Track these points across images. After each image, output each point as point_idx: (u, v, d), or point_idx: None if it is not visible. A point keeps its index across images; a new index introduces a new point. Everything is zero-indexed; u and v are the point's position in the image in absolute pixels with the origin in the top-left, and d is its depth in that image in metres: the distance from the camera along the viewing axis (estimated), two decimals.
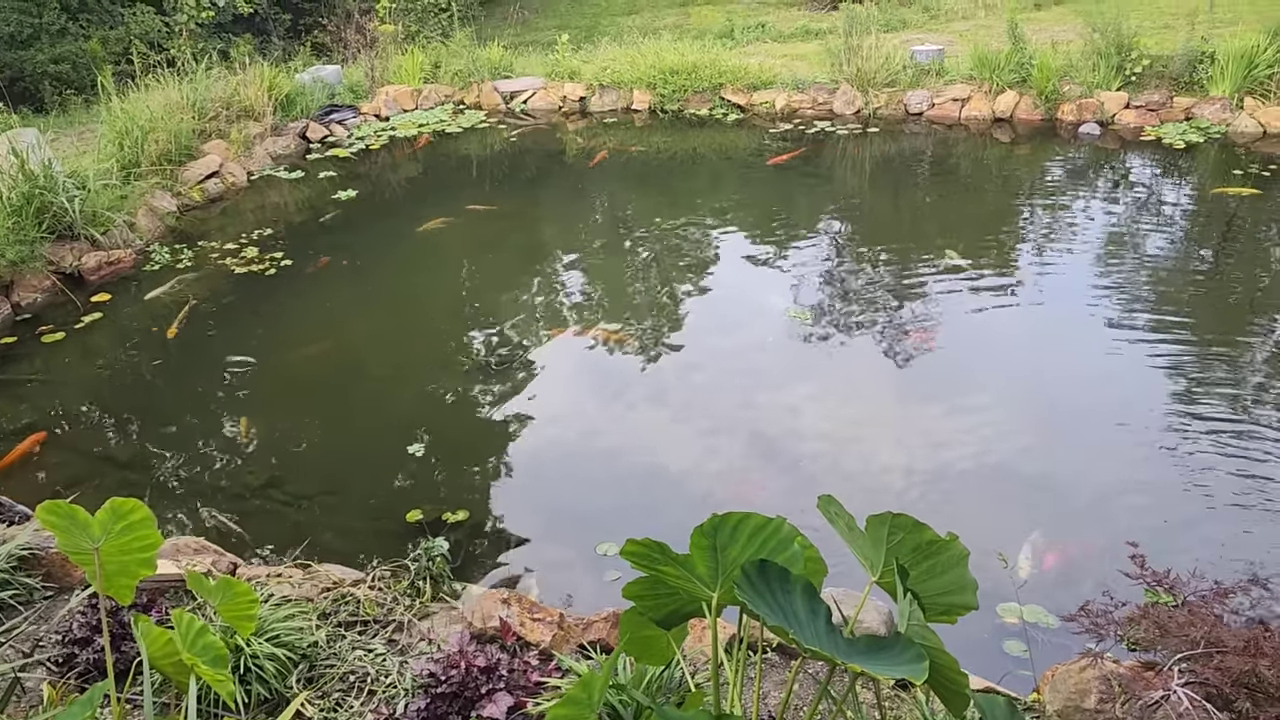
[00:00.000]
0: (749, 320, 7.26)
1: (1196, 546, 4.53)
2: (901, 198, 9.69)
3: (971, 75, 11.46)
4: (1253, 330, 6.65)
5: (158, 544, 3.03)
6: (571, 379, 6.58)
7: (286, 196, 10.05)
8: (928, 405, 6.03)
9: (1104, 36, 10.98)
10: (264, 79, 11.13)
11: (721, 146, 11.16)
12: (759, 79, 12.18)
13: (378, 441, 5.85)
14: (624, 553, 2.30)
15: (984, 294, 7.28)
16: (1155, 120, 10.57)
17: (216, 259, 8.43)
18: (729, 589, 2.31)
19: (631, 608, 2.69)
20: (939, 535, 2.36)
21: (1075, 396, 6.00)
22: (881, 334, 6.87)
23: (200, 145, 10.18)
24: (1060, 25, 14.20)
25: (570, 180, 10.57)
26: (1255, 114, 10.23)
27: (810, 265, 7.97)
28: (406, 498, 5.30)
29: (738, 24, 17.62)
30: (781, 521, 2.29)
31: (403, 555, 4.54)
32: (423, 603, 4.21)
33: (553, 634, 3.85)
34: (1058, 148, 10.45)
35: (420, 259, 8.51)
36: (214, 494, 5.45)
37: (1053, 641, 4.09)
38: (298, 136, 11.33)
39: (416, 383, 6.52)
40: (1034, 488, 5.20)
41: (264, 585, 4.19)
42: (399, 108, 12.30)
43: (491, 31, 17.02)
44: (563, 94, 12.55)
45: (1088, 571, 4.49)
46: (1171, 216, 8.81)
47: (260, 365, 6.76)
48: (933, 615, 2.47)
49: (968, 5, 17.94)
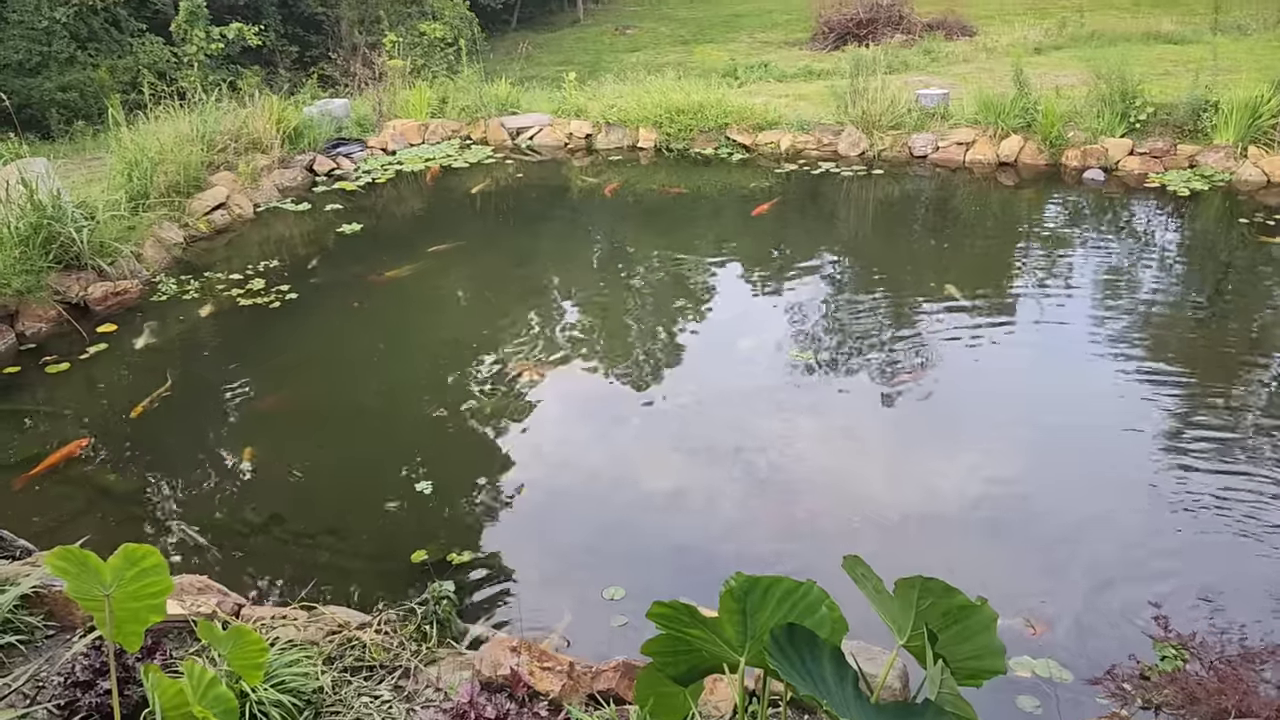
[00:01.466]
0: (751, 360, 7.24)
1: (1213, 599, 4.49)
2: (904, 239, 9.72)
3: (976, 119, 11.55)
4: (1251, 373, 6.64)
5: (169, 590, 2.99)
6: (577, 417, 6.55)
7: (292, 229, 10.06)
8: (925, 446, 6.00)
9: (1109, 84, 11.08)
10: (272, 111, 11.19)
11: (726, 186, 11.20)
12: (764, 119, 12.26)
13: (380, 479, 5.80)
14: (650, 615, 2.27)
15: (984, 335, 7.28)
16: (1159, 167, 10.64)
17: (222, 290, 8.41)
18: (756, 651, 2.27)
19: (649, 665, 2.65)
20: (969, 600, 2.33)
21: (1076, 438, 5.98)
22: (880, 374, 6.85)
23: (208, 177, 10.20)
24: (1061, 70, 14.35)
25: (576, 216, 10.59)
26: (1259, 163, 10.30)
27: (810, 305, 7.96)
28: (411, 537, 5.25)
29: (740, 63, 17.82)
30: (811, 585, 2.26)
31: (407, 596, 4.50)
32: (429, 648, 4.15)
33: (562, 683, 3.79)
34: (1062, 193, 10.51)
35: (421, 294, 8.50)
36: (216, 530, 5.39)
37: (1066, 697, 4.03)
38: (305, 169, 11.37)
39: (419, 419, 6.48)
40: (1034, 533, 5.16)
41: (269, 628, 4.13)
42: (406, 142, 12.35)
43: (497, 67, 17.17)
44: (569, 131, 12.62)
45: (1103, 625, 4.44)
46: (1176, 262, 8.84)
47: (261, 398, 6.73)
48: (960, 679, 2.43)
49: (968, 48, 18.16)
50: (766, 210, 10.01)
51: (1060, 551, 5.04)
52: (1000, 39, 18.82)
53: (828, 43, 20.86)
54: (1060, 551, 5.04)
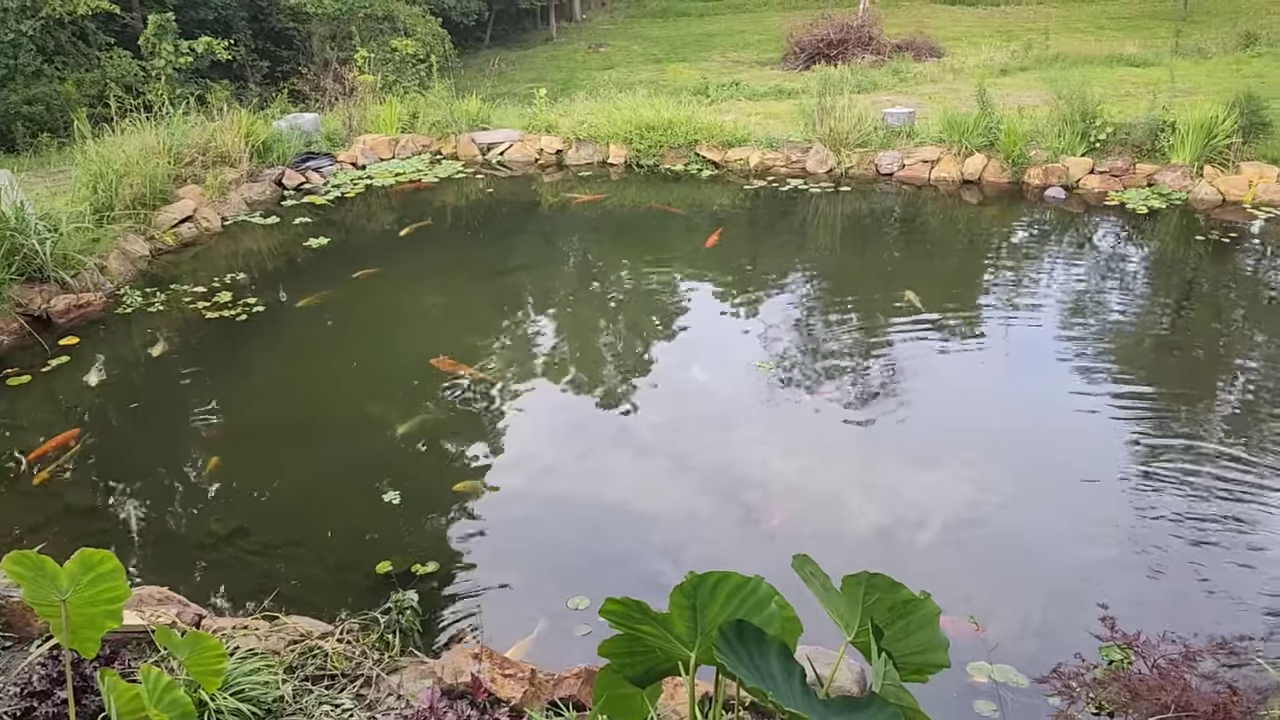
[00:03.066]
0: (717, 372, 7.30)
1: (1161, 601, 4.58)
2: (869, 254, 9.84)
3: (941, 138, 11.72)
4: (1208, 386, 6.78)
5: (126, 596, 2.99)
6: (545, 429, 6.58)
7: (260, 243, 10.04)
8: (890, 456, 6.08)
9: (1070, 104, 11.29)
10: (241, 125, 11.16)
11: (696, 202, 11.29)
12: (734, 136, 12.38)
13: (346, 490, 5.79)
14: (603, 612, 2.30)
15: (947, 347, 7.39)
16: (1119, 185, 10.85)
17: (189, 303, 8.38)
18: (707, 648, 2.31)
19: (607, 666, 2.68)
20: (914, 594, 2.38)
21: (1037, 448, 6.09)
22: (843, 386, 6.93)
23: (175, 190, 10.16)
24: (1025, 91, 14.61)
25: (545, 231, 10.64)
26: (1215, 182, 10.53)
27: (776, 318, 8.04)
28: (375, 548, 5.24)
29: (712, 81, 17.99)
30: (759, 581, 2.30)
31: (372, 607, 4.50)
32: (392, 657, 4.16)
33: (524, 690, 3.81)
34: (1024, 210, 10.68)
35: (390, 306, 8.50)
36: (179, 542, 5.37)
37: (1022, 701, 4.09)
38: (273, 183, 11.35)
39: (385, 431, 6.48)
40: (995, 540, 5.24)
41: (230, 637, 4.12)
42: (376, 156, 12.37)
43: (469, 83, 17.24)
44: (539, 146, 12.69)
45: (1055, 629, 4.52)
46: (1135, 278, 9.01)
47: (228, 411, 6.70)
48: (905, 674, 2.48)
49: (936, 69, 18.45)
50: (716, 241, 9.78)
51: (1015, 556, 5.12)
52: (967, 60, 19.13)
53: (799, 62, 21.09)
54: (1015, 556, 5.12)
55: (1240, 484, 5.60)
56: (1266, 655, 4.13)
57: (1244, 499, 5.46)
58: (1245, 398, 6.72)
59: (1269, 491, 5.54)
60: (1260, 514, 5.34)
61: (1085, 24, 25.01)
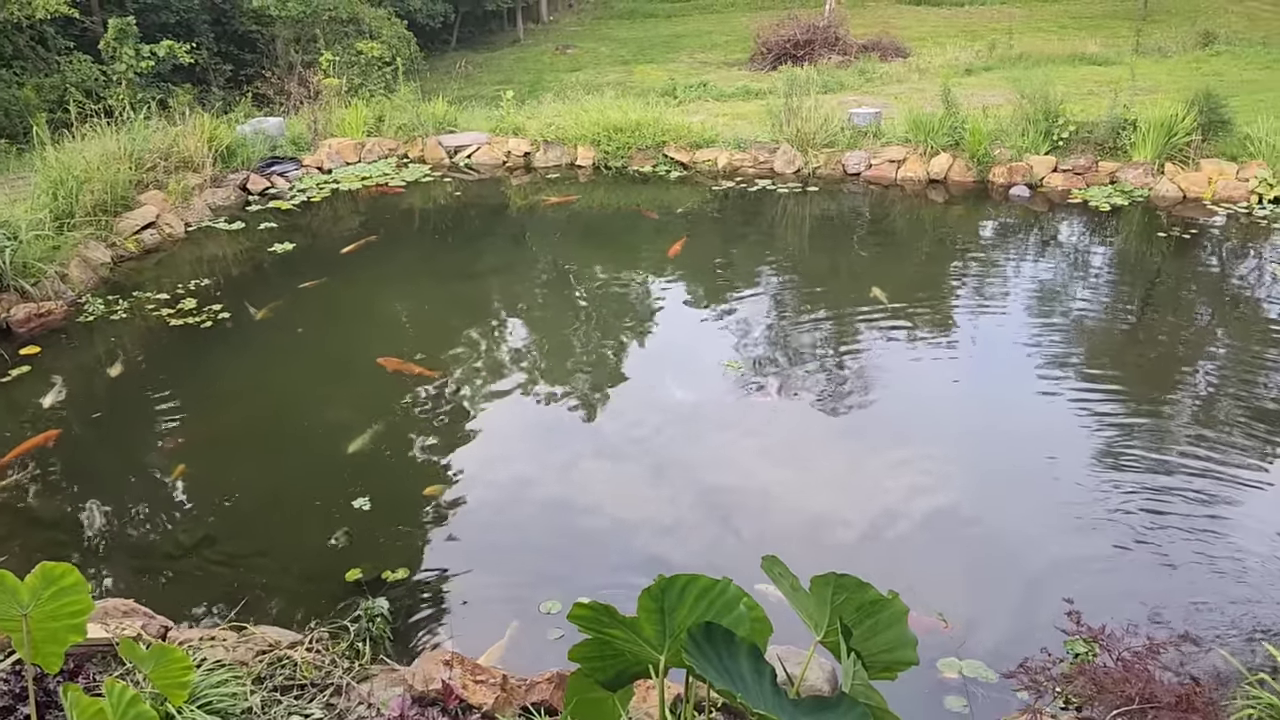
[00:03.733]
0: (687, 373, 7.31)
1: (1127, 595, 4.64)
2: (838, 254, 9.89)
3: (907, 138, 11.81)
4: (1176, 380, 6.88)
5: (89, 610, 2.95)
6: (515, 435, 6.55)
7: (225, 248, 9.93)
8: (858, 454, 6.12)
9: (1033, 103, 11.42)
10: (204, 130, 11.04)
11: (664, 203, 11.31)
12: (701, 137, 12.41)
13: (315, 497, 5.74)
14: (571, 616, 2.30)
15: (913, 343, 7.44)
16: (1082, 183, 10.97)
17: (151, 310, 8.28)
18: (676, 651, 2.31)
19: (577, 670, 2.67)
20: (881, 594, 2.40)
21: (1004, 444, 6.15)
22: (813, 384, 6.96)
23: (137, 196, 10.03)
24: (990, 90, 14.76)
25: (514, 234, 10.61)
26: (1175, 179, 10.68)
27: (745, 319, 8.06)
28: (344, 556, 5.20)
29: (680, 83, 18.03)
30: (727, 583, 2.31)
31: (342, 615, 4.47)
32: (362, 665, 4.12)
33: (495, 696, 3.79)
34: (990, 208, 10.78)
35: (359, 311, 8.45)
36: (145, 553, 5.30)
37: (992, 696, 4.12)
38: (238, 188, 11.23)
39: (354, 437, 6.44)
40: (964, 535, 5.28)
41: (196, 649, 4.07)
42: (342, 160, 12.28)
43: (435, 85, 17.17)
44: (507, 149, 12.65)
45: (1023, 623, 4.56)
46: (1098, 274, 9.12)
47: (193, 420, 6.63)
48: (875, 673, 2.49)
49: (902, 69, 18.59)
50: (679, 250, 9.63)
51: (983, 551, 5.16)
52: (933, 60, 19.30)
53: (766, 63, 21.18)
54: (983, 551, 5.16)
55: (1205, 477, 5.68)
56: (1228, 645, 4.20)
57: (1208, 492, 5.54)
58: (1208, 391, 6.82)
59: (1233, 485, 5.63)
60: (1224, 507, 5.42)
61: (1048, 23, 25.30)
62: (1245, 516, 5.34)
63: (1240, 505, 5.44)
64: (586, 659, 2.57)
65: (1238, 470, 5.77)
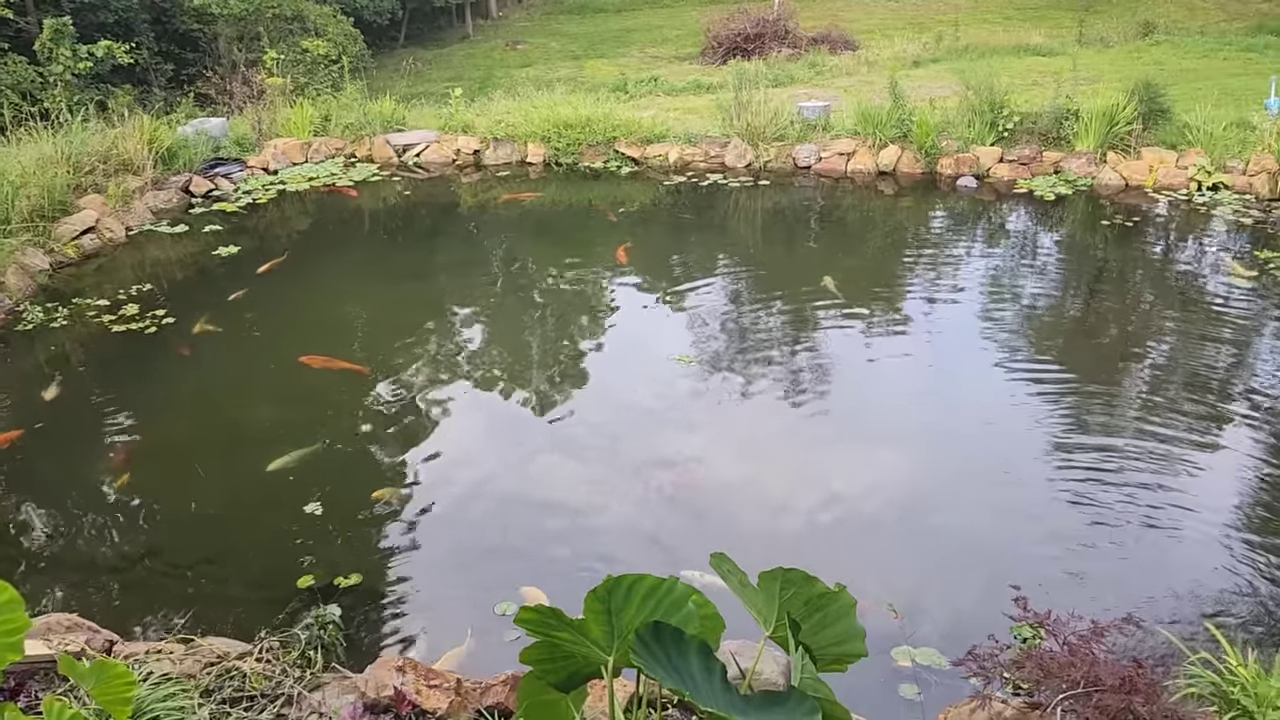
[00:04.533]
0: (638, 368, 7.31)
1: (1073, 580, 4.72)
2: (789, 246, 9.94)
3: (856, 131, 11.89)
4: (1121, 365, 7.00)
5: (25, 628, 2.86)
6: (466, 433, 6.50)
7: (168, 252, 9.74)
8: (808, 446, 6.16)
9: (978, 94, 11.55)
10: (144, 131, 10.81)
11: (616, 199, 11.29)
12: (652, 133, 12.40)
13: (264, 504, 5.66)
14: (518, 620, 2.28)
15: (864, 333, 7.51)
16: (1027, 173, 11.13)
17: (93, 317, 8.10)
18: (625, 651, 2.30)
19: (530, 672, 2.65)
20: (828, 587, 2.40)
21: (953, 433, 6.21)
22: (765, 376, 6.99)
23: (76, 200, 9.80)
24: (937, 82, 14.91)
25: (464, 233, 10.53)
26: (1117, 168, 10.87)
27: (697, 312, 8.08)
28: (296, 563, 5.12)
29: (631, 78, 18.01)
30: (674, 582, 2.30)
31: (294, 624, 4.40)
32: (314, 674, 4.06)
33: (450, 700, 3.76)
34: (938, 199, 10.90)
35: (304, 312, 8.33)
36: (90, 566, 5.18)
37: (945, 683, 4.17)
38: (180, 191, 11.01)
39: (305, 440, 6.35)
40: (916, 525, 5.33)
41: (142, 663, 3.98)
42: (288, 161, 12.10)
43: (384, 83, 16.97)
44: (456, 147, 12.54)
45: (974, 610, 4.61)
46: (1043, 261, 9.26)
47: (138, 428, 6.50)
48: (825, 665, 2.50)
49: (851, 62, 18.72)
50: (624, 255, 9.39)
51: (933, 541, 5.22)
52: (882, 53, 19.45)
53: (717, 57, 21.24)
54: (933, 541, 5.22)
55: (1149, 460, 5.79)
56: (1173, 627, 4.28)
57: (1152, 475, 5.65)
58: (1153, 376, 6.95)
59: (1176, 468, 5.74)
60: (1167, 491, 5.52)
61: (993, 15, 25.62)
62: (1187, 499, 5.45)
63: (1183, 488, 5.55)
64: (537, 661, 2.55)
65: (1181, 454, 5.88)
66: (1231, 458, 5.86)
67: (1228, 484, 5.58)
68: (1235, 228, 9.67)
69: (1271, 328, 7.61)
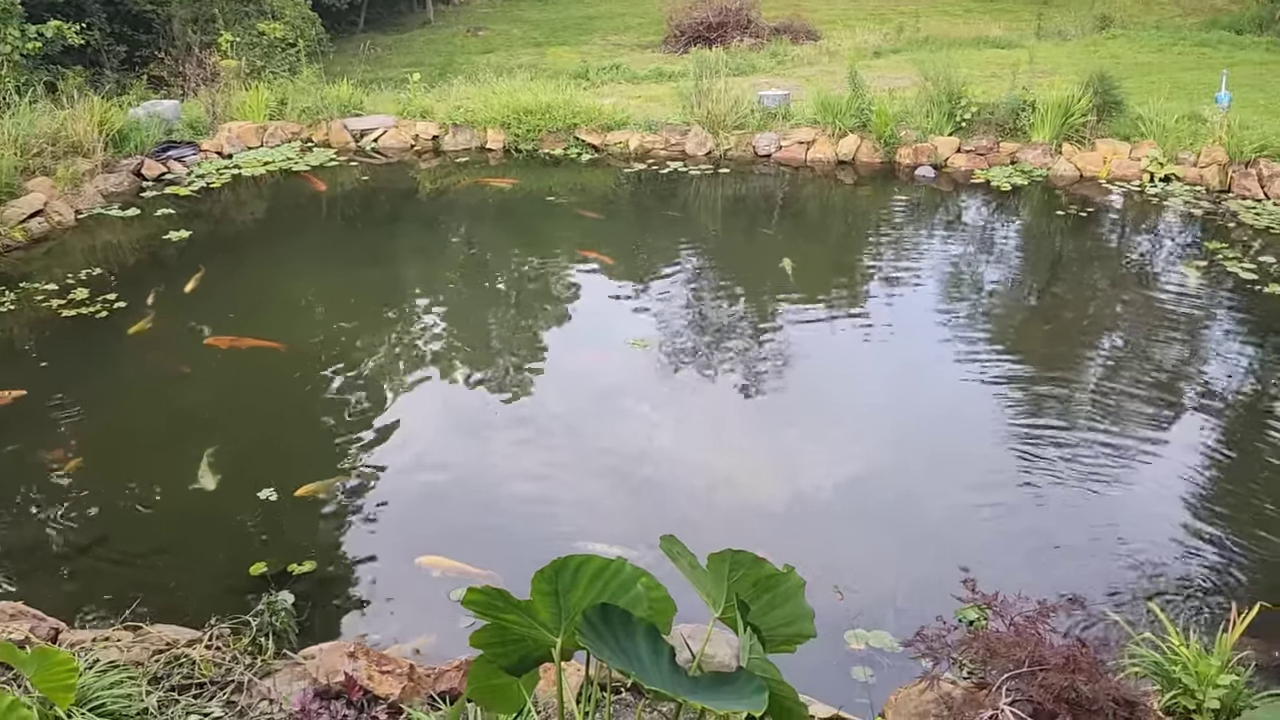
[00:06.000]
0: (596, 352, 7.31)
1: (1021, 563, 4.79)
2: (748, 234, 9.97)
3: (816, 120, 11.93)
4: (1076, 353, 7.11)
5: None
6: (422, 418, 6.45)
7: (119, 236, 9.55)
8: (766, 429, 6.20)
9: (936, 85, 11.63)
10: (94, 113, 10.58)
11: (576, 185, 11.25)
12: (613, 120, 12.35)
13: (218, 489, 5.58)
14: (465, 602, 2.26)
15: (821, 320, 7.56)
16: (984, 164, 11.24)
17: (41, 302, 7.93)
18: (573, 633, 2.29)
19: (480, 657, 2.64)
20: (776, 569, 2.41)
21: (905, 417, 6.29)
22: (722, 361, 7.03)
23: (24, 183, 9.59)
24: (897, 73, 14.98)
25: (423, 218, 10.45)
26: (1072, 159, 11.01)
27: (656, 298, 8.08)
28: (249, 550, 5.07)
29: (593, 65, 17.90)
30: (623, 563, 2.30)
31: (246, 611, 4.35)
32: (265, 660, 4.03)
33: (402, 686, 3.74)
34: (896, 189, 10.97)
35: (261, 295, 8.23)
36: (37, 554, 5.09)
37: (897, 665, 4.22)
38: (131, 174, 10.79)
39: (260, 424, 6.28)
40: (870, 508, 5.39)
41: (89, 651, 3.92)
42: (243, 145, 11.91)
43: (343, 68, 16.76)
44: (415, 133, 12.42)
45: (925, 592, 4.67)
46: (999, 250, 9.37)
47: (88, 413, 6.38)
48: (775, 646, 2.51)
49: (813, 52, 18.77)
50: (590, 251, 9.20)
51: (887, 524, 5.28)
52: (843, 43, 19.50)
53: (679, 45, 21.16)
54: (887, 524, 5.28)
55: (1096, 446, 5.89)
56: (1116, 609, 4.37)
57: (1099, 461, 5.75)
58: (1104, 363, 7.06)
59: (1122, 453, 5.84)
60: (1114, 475, 5.62)
61: (954, 7, 25.78)
62: (1134, 483, 5.57)
63: (1130, 473, 5.66)
64: (488, 645, 2.54)
65: (1127, 439, 5.99)
66: (1179, 444, 5.98)
67: (1175, 470, 5.69)
68: (1186, 218, 9.83)
69: (1220, 317, 7.76)
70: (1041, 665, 2.72)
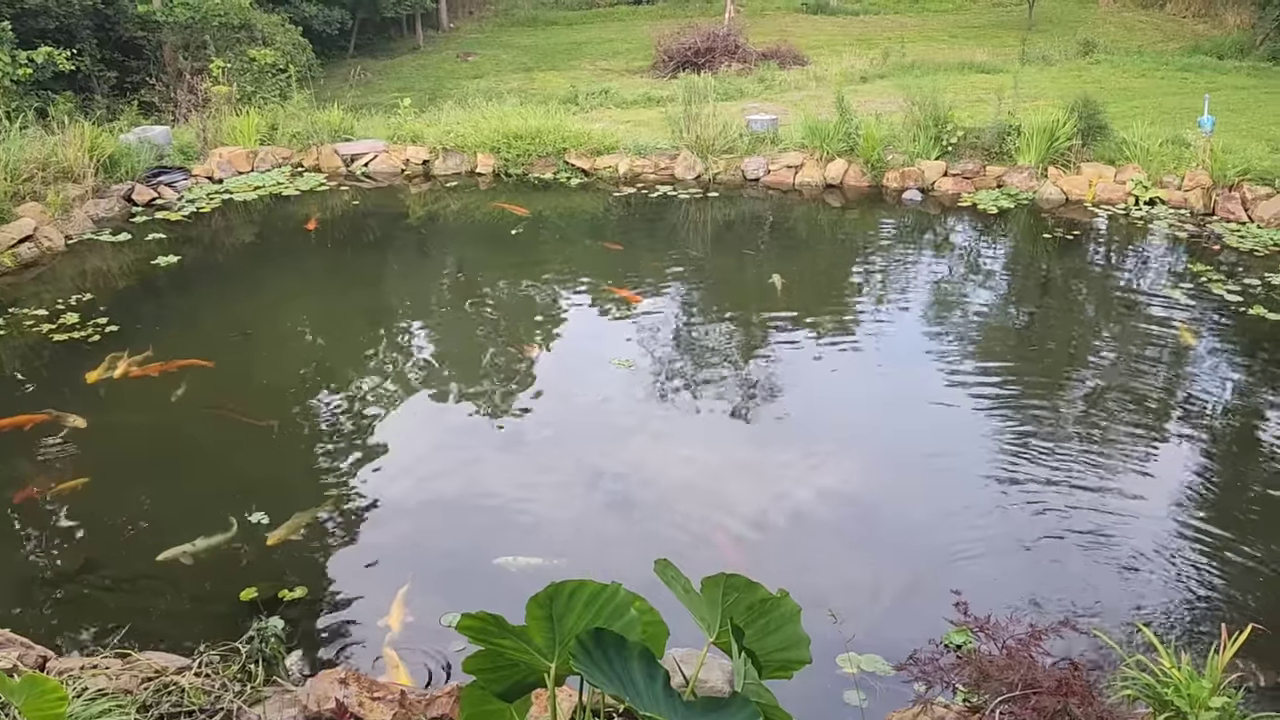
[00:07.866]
0: (582, 373, 7.32)
1: (1013, 585, 4.80)
2: (737, 257, 10.02)
3: (804, 144, 12.02)
4: (1063, 375, 7.15)
5: None
6: (412, 443, 6.44)
7: (109, 261, 9.55)
8: (754, 452, 6.22)
9: (922, 110, 11.75)
10: (85, 139, 10.58)
11: (566, 210, 11.30)
12: (602, 144, 12.42)
13: (208, 513, 5.55)
14: (460, 627, 2.27)
15: (809, 342, 7.61)
16: (971, 187, 11.33)
17: (31, 327, 7.91)
18: (567, 658, 2.30)
19: (472, 682, 2.64)
20: (771, 594, 2.42)
21: (893, 440, 6.31)
22: (707, 381, 7.05)
23: (13, 208, 9.57)
24: (883, 97, 15.12)
25: (415, 242, 10.48)
26: (1058, 182, 11.11)
27: (644, 319, 8.10)
28: (239, 576, 5.04)
29: (582, 90, 18.03)
30: (617, 588, 2.30)
31: (236, 637, 4.32)
32: (255, 688, 4.00)
33: (394, 712, 3.72)
34: (884, 212, 11.05)
35: (253, 318, 8.22)
36: (25, 580, 5.05)
37: (890, 689, 4.21)
38: (122, 199, 10.79)
39: (251, 449, 6.26)
40: (861, 532, 5.40)
41: (77, 678, 3.89)
42: (234, 170, 11.92)
43: (333, 93, 16.83)
44: (405, 157, 12.46)
45: (917, 615, 4.67)
46: (986, 273, 9.43)
47: (76, 437, 6.35)
48: (770, 672, 2.52)
49: (800, 77, 18.94)
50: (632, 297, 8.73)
51: (878, 547, 5.28)
52: (830, 68, 19.67)
53: (668, 71, 21.32)
54: (878, 547, 5.28)
55: (1086, 466, 5.91)
56: (1108, 632, 4.37)
57: (1090, 481, 5.77)
58: (1092, 385, 7.09)
59: (1113, 474, 5.87)
60: (1105, 496, 5.64)
61: (939, 33, 26.05)
62: (1125, 504, 5.58)
63: (1120, 493, 5.68)
64: (480, 670, 2.54)
65: (1118, 460, 6.02)
66: (1169, 465, 6.01)
67: (1165, 491, 5.72)
68: (1171, 241, 9.92)
69: (1205, 338, 7.82)
70: (1034, 688, 2.73)
